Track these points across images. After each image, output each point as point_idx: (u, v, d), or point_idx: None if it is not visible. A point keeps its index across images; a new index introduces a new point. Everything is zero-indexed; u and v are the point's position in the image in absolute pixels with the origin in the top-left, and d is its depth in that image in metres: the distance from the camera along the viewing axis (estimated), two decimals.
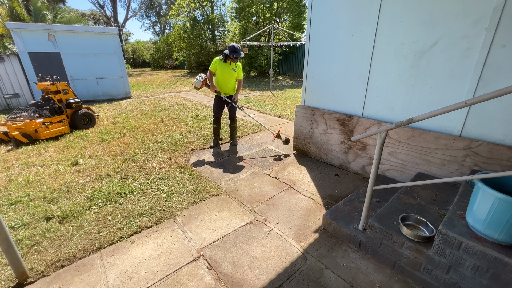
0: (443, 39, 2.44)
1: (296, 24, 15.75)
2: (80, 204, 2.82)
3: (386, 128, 1.78)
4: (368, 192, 2.04)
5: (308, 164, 3.86)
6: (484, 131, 2.38)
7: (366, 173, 3.40)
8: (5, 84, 8.18)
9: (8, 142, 4.85)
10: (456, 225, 1.66)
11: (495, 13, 2.11)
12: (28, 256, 2.12)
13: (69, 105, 5.51)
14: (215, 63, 3.99)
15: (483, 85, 2.30)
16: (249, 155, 4.20)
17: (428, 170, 2.77)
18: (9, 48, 14.70)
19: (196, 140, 4.84)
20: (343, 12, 3.14)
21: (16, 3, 14.18)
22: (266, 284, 1.88)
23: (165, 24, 39.51)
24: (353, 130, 3.37)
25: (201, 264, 2.06)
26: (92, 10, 33.35)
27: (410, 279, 1.88)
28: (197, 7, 20.95)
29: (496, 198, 1.42)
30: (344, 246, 2.24)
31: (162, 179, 3.38)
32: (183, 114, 6.92)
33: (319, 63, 3.59)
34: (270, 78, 11.38)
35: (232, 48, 3.85)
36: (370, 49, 2.97)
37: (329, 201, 2.91)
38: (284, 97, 9.38)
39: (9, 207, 2.76)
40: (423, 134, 2.72)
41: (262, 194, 3.07)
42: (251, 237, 2.35)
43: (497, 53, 2.17)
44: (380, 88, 3.02)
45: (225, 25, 21.08)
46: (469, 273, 1.59)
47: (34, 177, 3.43)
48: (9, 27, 7.61)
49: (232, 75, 4.09)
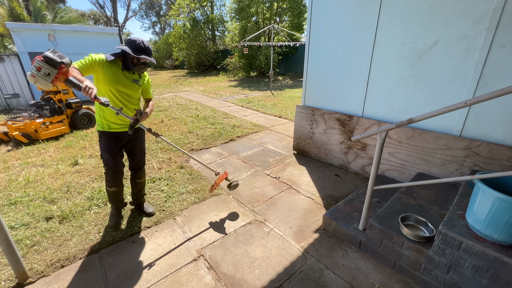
0: (443, 39, 2.44)
1: (296, 24, 15.74)
2: (80, 204, 2.81)
3: (386, 128, 1.78)
4: (368, 192, 2.04)
5: (308, 164, 3.86)
6: (484, 131, 2.38)
7: (366, 173, 3.40)
8: (5, 84, 8.18)
9: (8, 142, 4.85)
10: (456, 225, 1.66)
11: (495, 13, 2.11)
12: (28, 256, 2.12)
13: (69, 105, 5.51)
14: (95, 62, 1.98)
15: (483, 85, 2.30)
16: (249, 155, 4.20)
17: (428, 170, 2.77)
18: (9, 48, 14.71)
19: (196, 140, 4.84)
20: (343, 12, 3.14)
21: (16, 3, 14.19)
22: (266, 284, 1.88)
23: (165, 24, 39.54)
24: (353, 130, 3.37)
25: (201, 264, 2.06)
26: (92, 10, 33.40)
27: (410, 279, 1.88)
28: (197, 7, 20.96)
29: (496, 198, 1.42)
30: (344, 246, 2.24)
31: (162, 179, 3.38)
32: (183, 114, 6.92)
33: (319, 63, 3.59)
34: (270, 78, 11.37)
35: (137, 46, 2.04)
36: (370, 49, 2.97)
37: (329, 201, 2.91)
38: (284, 97, 9.38)
39: (9, 207, 2.76)
40: (423, 134, 2.72)
41: (262, 194, 3.07)
42: (251, 237, 2.35)
43: (497, 53, 2.17)
44: (380, 88, 3.02)
45: (225, 25, 21.09)
46: (469, 273, 1.59)
47: (34, 177, 3.43)
48: (9, 27, 7.62)
49: (133, 90, 2.22)
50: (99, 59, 1.99)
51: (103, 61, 2.01)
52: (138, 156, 2.49)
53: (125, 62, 2.09)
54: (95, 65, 1.97)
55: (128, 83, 2.17)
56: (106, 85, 2.07)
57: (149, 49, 2.12)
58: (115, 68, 2.08)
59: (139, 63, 2.13)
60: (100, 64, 2.00)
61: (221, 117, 6.58)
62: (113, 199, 2.47)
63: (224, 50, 21.04)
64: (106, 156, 2.25)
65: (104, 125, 2.20)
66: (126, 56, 2.08)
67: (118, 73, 2.09)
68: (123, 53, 2.08)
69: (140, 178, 2.58)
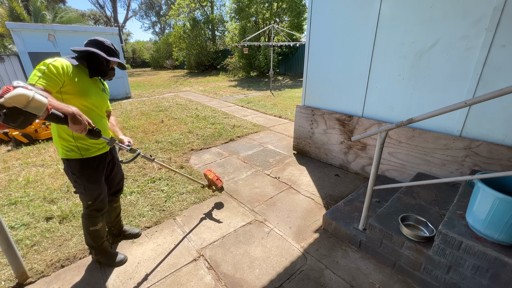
0: (443, 39, 2.44)
1: (296, 24, 15.75)
2: (80, 204, 2.81)
3: (386, 128, 1.78)
4: (368, 192, 2.04)
5: (308, 164, 3.86)
6: (484, 131, 2.38)
7: (366, 173, 3.40)
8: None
9: (8, 142, 4.85)
10: (456, 225, 1.66)
11: (495, 13, 2.11)
12: (28, 256, 2.12)
13: None
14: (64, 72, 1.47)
15: (483, 85, 2.30)
16: (249, 155, 4.19)
17: (428, 170, 2.77)
18: (9, 48, 14.70)
19: (196, 140, 4.84)
20: (343, 12, 3.14)
21: (16, 3, 14.19)
22: (266, 284, 1.88)
23: (165, 24, 39.55)
24: (353, 130, 3.37)
25: (201, 264, 2.06)
26: (92, 10, 33.42)
27: (410, 279, 1.88)
28: (197, 7, 20.98)
29: (496, 198, 1.42)
30: (344, 246, 2.24)
31: (162, 179, 3.38)
32: (183, 114, 6.92)
33: (319, 63, 3.59)
34: (270, 78, 11.37)
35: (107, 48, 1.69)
36: (370, 49, 2.97)
37: (329, 201, 2.91)
38: (284, 97, 9.38)
39: (9, 207, 2.76)
40: (423, 134, 2.72)
41: (262, 194, 3.07)
42: (251, 237, 2.35)
43: (497, 53, 2.17)
44: (380, 88, 3.02)
45: (225, 25, 21.09)
46: (469, 273, 1.59)
47: (34, 177, 3.43)
48: (9, 27, 7.61)
49: (105, 101, 1.82)
50: (66, 67, 1.49)
51: (71, 68, 1.53)
52: (117, 177, 2.07)
53: (95, 67, 1.66)
54: (64, 75, 1.46)
55: (100, 92, 1.75)
56: (78, 99, 1.56)
57: (118, 51, 1.79)
58: (84, 76, 1.63)
59: (109, 69, 1.73)
60: (69, 73, 1.50)
61: (221, 117, 6.58)
62: (100, 238, 1.95)
63: (224, 50, 21.05)
64: (94, 189, 1.76)
65: (82, 150, 1.66)
66: (97, 59, 1.64)
67: (88, 81, 1.66)
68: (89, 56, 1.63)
69: (118, 202, 2.19)
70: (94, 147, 1.73)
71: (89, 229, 1.86)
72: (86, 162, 1.70)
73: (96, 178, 1.77)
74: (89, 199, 1.78)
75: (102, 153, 1.81)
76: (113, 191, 2.08)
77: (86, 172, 1.71)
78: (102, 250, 2.00)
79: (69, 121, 1.27)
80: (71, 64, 1.55)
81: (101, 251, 2.00)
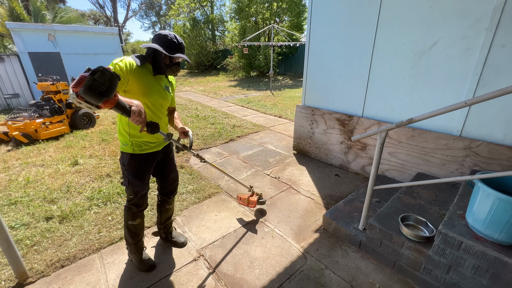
0: (443, 39, 2.44)
1: (296, 24, 15.75)
2: (80, 204, 2.81)
3: (386, 128, 1.78)
4: (368, 192, 2.04)
5: (308, 164, 3.86)
6: (484, 131, 2.38)
7: (366, 173, 3.40)
8: (5, 84, 8.18)
9: (8, 142, 4.85)
10: (456, 225, 1.66)
11: (495, 13, 2.11)
12: (28, 256, 2.12)
13: (69, 105, 5.51)
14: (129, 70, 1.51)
15: (483, 85, 2.30)
16: (249, 155, 4.19)
17: (428, 170, 2.77)
18: (9, 48, 14.70)
19: (196, 140, 4.84)
20: (343, 12, 3.14)
21: (16, 3, 14.17)
22: (266, 284, 1.88)
23: (165, 24, 39.49)
24: (353, 130, 3.37)
25: (201, 264, 2.06)
26: (92, 10, 33.38)
27: (410, 279, 1.88)
28: (197, 7, 20.98)
29: (496, 198, 1.42)
30: (344, 246, 2.24)
31: None
32: (183, 114, 6.91)
33: (319, 63, 3.59)
34: (270, 78, 11.38)
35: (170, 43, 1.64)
36: (370, 49, 2.97)
37: (329, 201, 2.91)
38: (284, 97, 9.38)
39: (9, 207, 2.76)
40: (423, 134, 2.72)
41: (262, 194, 3.06)
42: (251, 237, 2.35)
43: (497, 53, 2.17)
44: (380, 88, 3.02)
45: (225, 25, 21.09)
46: (469, 273, 1.59)
47: (34, 177, 3.43)
48: (9, 27, 7.62)
49: (166, 100, 1.78)
50: (130, 65, 1.51)
51: (135, 67, 1.54)
52: (171, 177, 2.04)
53: (157, 64, 1.62)
54: (128, 74, 1.50)
55: (162, 91, 1.71)
56: (140, 97, 1.57)
57: (182, 45, 1.70)
58: (147, 74, 1.62)
59: (172, 64, 1.69)
60: (133, 72, 1.53)
61: (221, 117, 6.58)
62: (136, 235, 1.93)
63: (224, 50, 21.05)
64: (137, 184, 1.78)
65: (135, 146, 1.71)
66: (157, 56, 1.61)
67: (151, 80, 1.64)
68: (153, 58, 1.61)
69: (171, 204, 2.14)
70: (147, 145, 1.76)
71: (127, 222, 1.88)
72: (135, 157, 1.75)
73: (141, 174, 1.80)
74: (131, 193, 1.82)
75: (152, 151, 1.81)
76: (166, 191, 2.07)
77: (133, 166, 1.75)
78: (136, 249, 1.98)
79: (131, 113, 1.31)
80: (134, 62, 1.55)
81: (135, 250, 1.98)
